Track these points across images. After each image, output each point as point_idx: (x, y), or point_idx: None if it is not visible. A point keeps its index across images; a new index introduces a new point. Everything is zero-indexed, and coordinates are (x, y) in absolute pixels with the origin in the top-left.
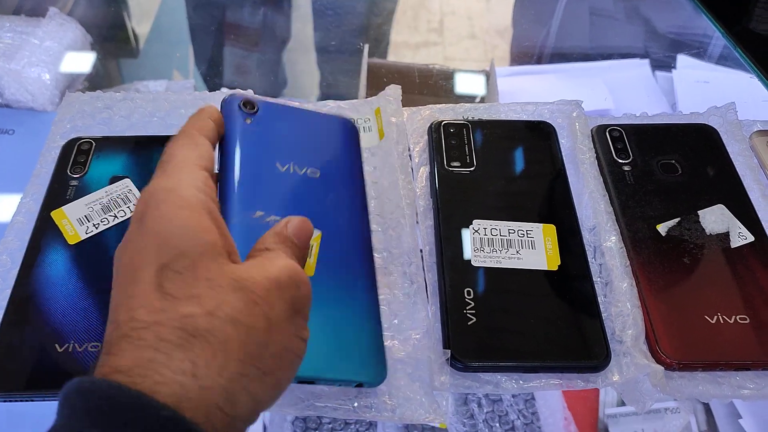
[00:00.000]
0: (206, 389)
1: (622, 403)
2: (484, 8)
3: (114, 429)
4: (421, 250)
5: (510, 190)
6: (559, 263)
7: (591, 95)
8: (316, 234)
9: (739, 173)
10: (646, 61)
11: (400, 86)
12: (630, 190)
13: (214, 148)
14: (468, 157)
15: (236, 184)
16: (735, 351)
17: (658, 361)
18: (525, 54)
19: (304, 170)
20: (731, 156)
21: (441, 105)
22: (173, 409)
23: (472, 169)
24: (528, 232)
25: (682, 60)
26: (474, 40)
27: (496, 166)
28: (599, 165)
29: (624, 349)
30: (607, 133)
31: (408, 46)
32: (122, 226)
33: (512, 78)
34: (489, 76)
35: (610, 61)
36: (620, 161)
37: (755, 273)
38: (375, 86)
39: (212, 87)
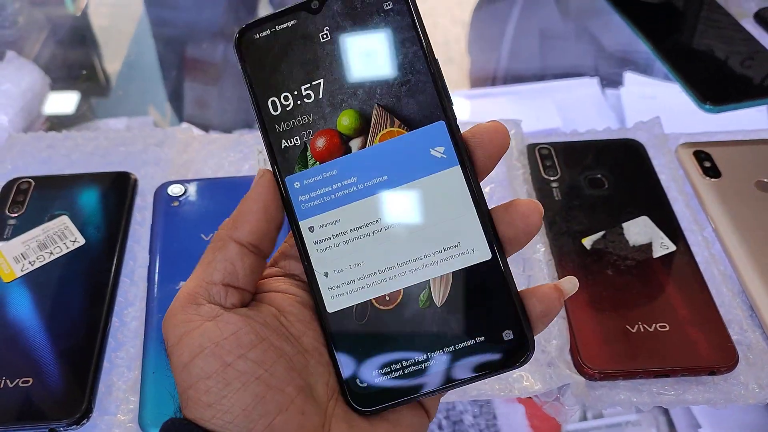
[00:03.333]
0: None
1: (584, 418)
2: (441, 37)
3: None
4: None
5: None
6: None
7: (540, 115)
8: None
9: (664, 185)
10: (596, 80)
11: None
12: (557, 205)
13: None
14: None
15: (158, 262)
16: (655, 359)
17: (581, 371)
18: (479, 78)
19: None
20: (657, 168)
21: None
22: None
23: None
24: None
25: (630, 77)
26: (452, 64)
27: None
28: (531, 182)
29: (548, 359)
30: (537, 152)
31: None
32: (58, 262)
33: (463, 101)
34: None
35: (561, 81)
36: (548, 178)
37: (676, 281)
38: None
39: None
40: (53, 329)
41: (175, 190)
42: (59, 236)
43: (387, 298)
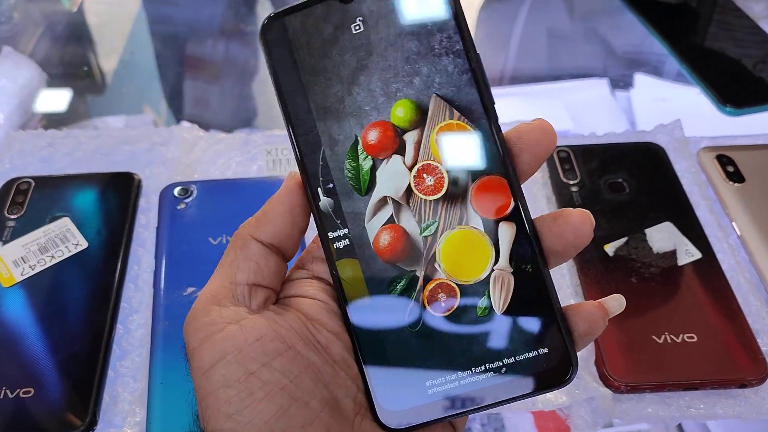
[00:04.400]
0: None
1: (594, 426)
2: None
3: None
4: None
5: None
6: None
7: (550, 116)
8: None
9: (686, 190)
10: (605, 81)
11: None
12: None
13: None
14: None
15: (164, 266)
16: (683, 371)
17: (607, 384)
18: (492, 78)
19: None
20: (679, 173)
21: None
22: None
23: None
24: None
25: (640, 79)
26: None
27: None
28: (550, 186)
29: None
30: (555, 155)
31: None
32: (59, 267)
33: None
34: None
35: (570, 82)
36: (568, 182)
37: (703, 290)
38: None
39: (179, 121)
40: (55, 337)
41: (181, 191)
42: (61, 239)
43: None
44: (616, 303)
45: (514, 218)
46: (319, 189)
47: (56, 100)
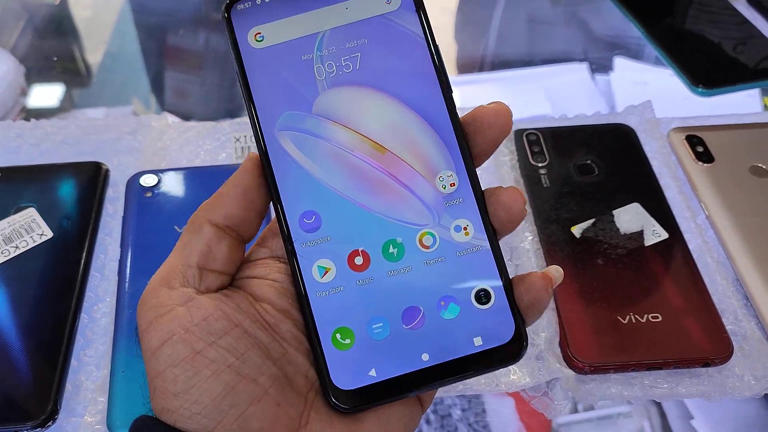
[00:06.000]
0: None
1: (575, 411)
2: (438, 24)
3: None
4: None
5: None
6: None
7: (529, 101)
8: None
9: (656, 171)
10: (585, 65)
11: None
12: (546, 193)
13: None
14: None
15: (130, 255)
16: (647, 351)
17: (571, 365)
18: (467, 64)
19: None
20: (649, 154)
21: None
22: None
23: None
24: None
25: (620, 62)
26: (445, 54)
27: None
28: (519, 168)
29: (537, 352)
30: (524, 137)
31: None
32: (24, 257)
33: (454, 88)
34: None
35: (550, 66)
36: (536, 164)
37: (668, 270)
38: None
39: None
40: (18, 327)
41: (148, 180)
42: (26, 229)
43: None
44: (557, 273)
45: (463, 195)
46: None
47: (38, 94)
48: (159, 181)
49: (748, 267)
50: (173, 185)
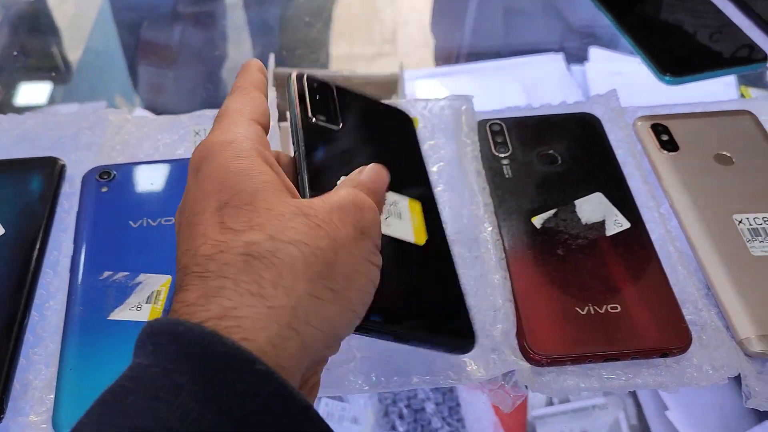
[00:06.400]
0: (275, 309)
1: (550, 403)
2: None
3: (207, 380)
4: None
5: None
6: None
7: (504, 92)
8: (166, 279)
9: (621, 160)
10: (560, 56)
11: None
12: (508, 183)
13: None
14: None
15: (83, 251)
16: (604, 342)
17: (527, 357)
18: (444, 56)
19: (158, 221)
20: (614, 143)
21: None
22: (269, 366)
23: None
24: (395, 202)
25: (595, 53)
26: (428, 48)
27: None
28: (481, 159)
29: (493, 344)
30: (488, 128)
31: (363, 57)
32: None
33: (428, 80)
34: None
35: (525, 57)
36: (499, 155)
37: (629, 260)
38: (281, 95)
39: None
40: None
41: (103, 174)
42: None
43: None
44: None
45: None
46: None
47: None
48: (115, 176)
49: (709, 255)
50: (129, 180)
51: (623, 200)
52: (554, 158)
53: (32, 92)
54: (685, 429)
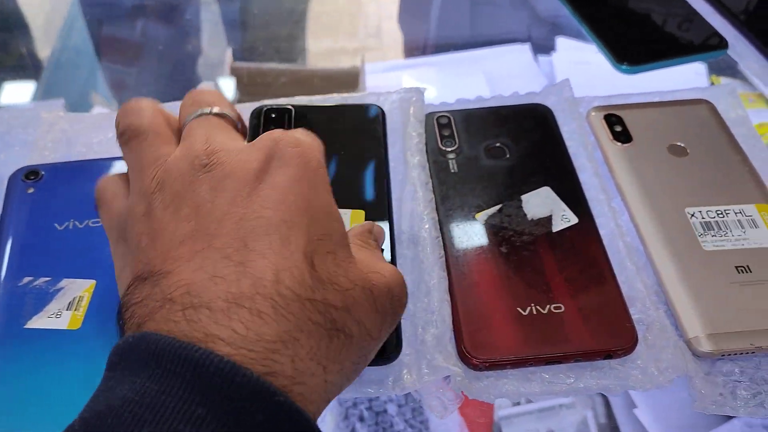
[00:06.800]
0: (329, 384)
1: (517, 403)
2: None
3: (230, 419)
4: None
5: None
6: None
7: (470, 84)
8: (89, 284)
9: (572, 153)
10: (527, 46)
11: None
12: (453, 178)
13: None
14: None
15: (6, 255)
16: (547, 344)
17: (465, 361)
18: (411, 48)
19: (85, 223)
20: (567, 135)
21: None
22: (291, 400)
23: None
24: None
25: (563, 42)
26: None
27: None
28: (426, 153)
29: (426, 349)
30: (435, 121)
31: (346, 51)
32: None
33: (392, 73)
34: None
35: (492, 48)
36: (445, 149)
37: (575, 258)
38: (240, 89)
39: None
40: None
41: (29, 175)
42: None
43: None
44: None
45: None
46: None
47: None
48: (43, 176)
49: (660, 251)
50: (58, 180)
51: (572, 194)
52: (502, 151)
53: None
54: (654, 427)
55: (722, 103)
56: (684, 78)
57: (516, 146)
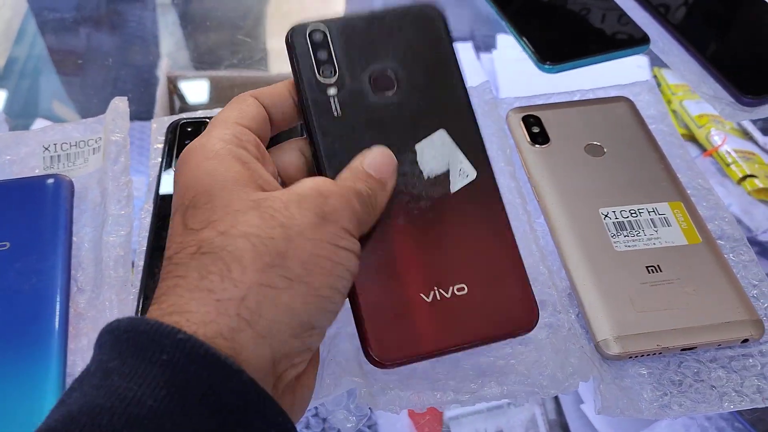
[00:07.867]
0: (223, 301)
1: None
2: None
3: (133, 356)
4: None
5: None
6: None
7: None
8: None
9: (491, 156)
10: (469, 44)
11: (126, 98)
12: (338, 127)
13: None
14: None
15: None
16: (452, 334)
17: (376, 365)
18: None
19: None
20: (487, 137)
21: (189, 113)
22: (188, 333)
23: None
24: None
25: (503, 39)
26: None
27: None
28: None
29: (332, 356)
30: (308, 38)
31: None
32: None
33: None
34: None
35: None
36: (324, 82)
37: (475, 224)
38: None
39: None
40: None
41: None
42: None
43: None
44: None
45: None
46: None
47: None
48: None
49: (572, 253)
50: None
51: (467, 137)
52: (390, 82)
53: None
54: (599, 421)
55: (642, 99)
56: (627, 71)
57: (405, 71)
